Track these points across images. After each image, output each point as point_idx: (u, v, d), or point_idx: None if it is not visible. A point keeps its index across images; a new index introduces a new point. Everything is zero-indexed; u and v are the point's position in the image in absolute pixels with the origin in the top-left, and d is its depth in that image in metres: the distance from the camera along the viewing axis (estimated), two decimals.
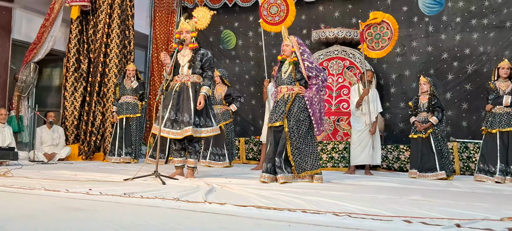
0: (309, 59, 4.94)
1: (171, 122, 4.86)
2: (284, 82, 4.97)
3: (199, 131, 4.88)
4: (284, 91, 4.94)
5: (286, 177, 4.77)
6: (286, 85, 4.95)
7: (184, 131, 4.79)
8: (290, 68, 4.95)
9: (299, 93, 4.89)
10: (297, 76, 4.90)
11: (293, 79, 4.91)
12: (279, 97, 4.99)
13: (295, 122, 4.82)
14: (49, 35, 7.76)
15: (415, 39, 7.90)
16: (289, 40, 5.01)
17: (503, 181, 5.60)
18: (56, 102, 8.81)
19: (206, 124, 4.94)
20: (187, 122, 4.80)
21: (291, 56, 4.97)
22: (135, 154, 7.71)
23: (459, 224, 2.43)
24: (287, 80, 4.94)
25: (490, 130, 5.83)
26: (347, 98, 7.76)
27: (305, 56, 4.93)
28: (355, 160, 6.56)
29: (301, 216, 2.67)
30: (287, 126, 4.81)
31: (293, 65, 4.92)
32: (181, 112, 4.86)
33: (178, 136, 4.83)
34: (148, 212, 2.80)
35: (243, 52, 9.32)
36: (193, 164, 5.01)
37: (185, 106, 4.85)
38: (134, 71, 7.80)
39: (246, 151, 8.51)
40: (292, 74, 4.91)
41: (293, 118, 4.82)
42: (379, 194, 3.96)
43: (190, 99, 4.86)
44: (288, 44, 5.00)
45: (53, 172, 5.19)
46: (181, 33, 5.00)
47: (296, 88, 4.90)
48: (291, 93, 4.90)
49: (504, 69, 5.85)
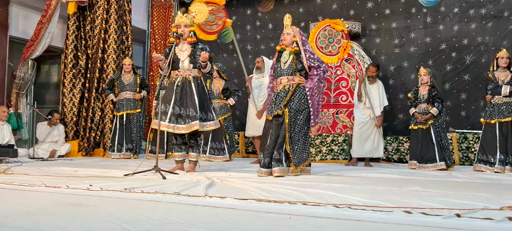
0: (311, 50, 4.90)
1: (175, 117, 4.83)
2: (284, 73, 4.88)
3: (203, 125, 4.87)
4: (285, 82, 4.85)
5: (283, 170, 4.68)
6: (286, 76, 4.86)
7: (191, 125, 4.78)
8: (291, 58, 4.87)
9: (299, 83, 4.83)
10: (298, 66, 4.83)
11: (294, 70, 4.83)
12: (280, 88, 4.88)
13: (295, 112, 4.76)
14: (46, 31, 7.74)
15: (413, 30, 7.90)
16: (291, 29, 4.95)
17: (503, 171, 5.61)
18: (55, 99, 8.79)
19: (208, 118, 4.94)
20: (193, 117, 4.78)
21: (292, 46, 4.90)
22: (135, 150, 7.73)
23: (459, 214, 2.44)
24: (287, 71, 4.86)
25: (489, 120, 5.83)
26: (346, 91, 7.76)
27: (306, 46, 4.88)
28: (358, 152, 6.56)
29: (301, 209, 2.67)
30: (288, 117, 4.74)
31: (294, 55, 4.87)
32: (185, 107, 4.83)
33: (184, 130, 4.80)
34: (149, 207, 2.81)
35: (240, 46, 9.30)
36: (195, 157, 5.01)
37: (189, 101, 4.83)
38: (130, 66, 7.79)
39: (246, 145, 8.51)
40: (293, 64, 4.83)
41: (294, 108, 4.76)
42: (379, 185, 3.97)
43: (193, 93, 4.84)
44: (289, 33, 4.91)
45: (53, 169, 5.19)
46: (179, 27, 4.94)
47: (297, 79, 4.83)
48: (292, 84, 4.82)
49: (504, 58, 5.84)
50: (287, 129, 4.74)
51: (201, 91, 4.92)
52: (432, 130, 6.05)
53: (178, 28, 4.94)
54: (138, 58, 9.80)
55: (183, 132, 4.83)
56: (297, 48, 4.86)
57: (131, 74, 7.83)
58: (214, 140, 7.16)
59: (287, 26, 4.97)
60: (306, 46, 4.88)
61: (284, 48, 4.98)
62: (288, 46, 4.94)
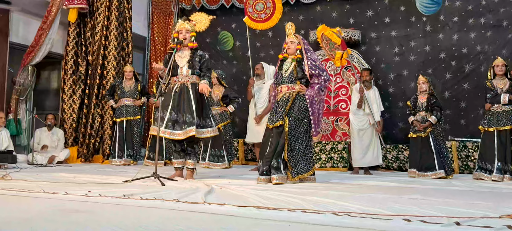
0: (313, 57, 4.89)
1: (172, 123, 4.81)
2: (284, 81, 4.88)
3: (201, 132, 4.85)
4: (285, 91, 4.86)
5: (281, 177, 4.67)
6: (286, 84, 4.86)
7: (187, 131, 4.75)
8: (292, 66, 4.86)
9: (300, 92, 4.82)
10: (299, 74, 4.82)
11: (294, 78, 4.82)
12: (280, 97, 4.88)
13: (295, 121, 4.76)
14: (46, 38, 7.75)
15: (413, 39, 7.92)
16: (295, 37, 4.94)
17: (501, 179, 5.60)
18: (55, 105, 8.79)
19: (206, 124, 4.91)
20: (190, 122, 4.76)
21: (296, 53, 4.89)
22: (135, 156, 7.72)
23: (458, 222, 2.44)
24: (288, 79, 4.85)
25: (487, 128, 5.84)
26: (345, 98, 7.77)
27: (309, 54, 4.87)
28: (359, 161, 6.53)
29: (300, 216, 2.67)
30: (287, 125, 4.74)
31: (296, 63, 4.85)
32: (182, 113, 4.81)
33: (180, 136, 4.78)
34: (147, 213, 2.80)
35: (240, 53, 9.32)
36: (193, 165, 4.99)
37: (186, 107, 4.81)
38: (131, 73, 7.81)
39: (245, 152, 8.50)
40: (294, 72, 4.82)
41: (294, 117, 4.76)
42: (379, 193, 3.96)
43: (191, 99, 4.82)
44: (293, 41, 4.90)
45: (52, 175, 5.18)
46: (181, 33, 4.94)
47: (297, 87, 4.82)
48: (292, 92, 4.82)
49: (499, 66, 5.87)
50: (287, 137, 4.73)
51: (199, 97, 4.89)
52: (431, 138, 6.05)
53: (179, 34, 4.94)
54: (138, 65, 9.81)
55: (179, 138, 4.80)
56: (299, 55, 4.86)
57: (133, 81, 7.85)
58: (214, 147, 7.14)
59: (290, 35, 4.95)
60: (309, 54, 4.87)
61: (287, 56, 4.97)
62: (291, 54, 4.93)
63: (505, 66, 5.87)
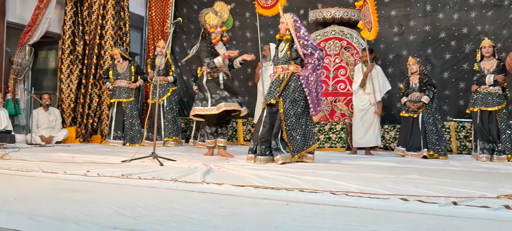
0: (305, 37, 4.83)
1: (224, 99, 5.35)
2: (279, 62, 4.90)
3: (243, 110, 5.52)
4: (280, 71, 4.88)
5: (284, 157, 4.71)
6: (281, 64, 4.88)
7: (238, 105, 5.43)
8: (286, 46, 4.87)
9: (294, 72, 4.81)
10: (293, 55, 4.81)
11: (288, 58, 4.83)
12: (275, 78, 4.92)
13: (290, 102, 4.76)
14: (43, 17, 7.68)
15: (413, 19, 7.85)
16: (284, 17, 4.93)
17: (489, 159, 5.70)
18: (52, 85, 8.76)
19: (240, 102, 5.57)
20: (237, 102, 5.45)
21: (286, 34, 4.89)
22: (131, 139, 7.63)
23: (456, 202, 2.45)
24: (282, 60, 4.87)
25: (472, 108, 5.90)
26: (344, 79, 7.74)
27: (301, 32, 4.81)
28: (359, 141, 6.55)
29: (298, 195, 2.68)
30: (282, 106, 4.75)
31: (289, 43, 4.85)
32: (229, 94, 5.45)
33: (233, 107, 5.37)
34: (146, 193, 2.81)
35: (240, 33, 9.25)
36: (223, 143, 5.65)
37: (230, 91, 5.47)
38: (118, 55, 7.69)
39: (244, 133, 8.51)
40: (288, 53, 4.83)
41: (289, 98, 4.76)
42: (376, 173, 3.98)
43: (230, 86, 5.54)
44: (283, 21, 4.91)
45: (51, 155, 5.19)
46: (216, 28, 5.55)
47: (291, 67, 4.81)
48: (286, 73, 4.83)
49: (486, 48, 5.92)
50: (283, 119, 4.73)
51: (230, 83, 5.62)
52: (422, 118, 6.07)
53: (215, 28, 5.54)
54: (136, 45, 9.74)
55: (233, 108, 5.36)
56: (289, 36, 4.84)
57: (125, 63, 7.75)
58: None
59: (281, 15, 4.97)
60: (300, 33, 4.81)
61: (282, 36, 4.97)
62: (282, 35, 4.93)
63: (493, 47, 5.91)
